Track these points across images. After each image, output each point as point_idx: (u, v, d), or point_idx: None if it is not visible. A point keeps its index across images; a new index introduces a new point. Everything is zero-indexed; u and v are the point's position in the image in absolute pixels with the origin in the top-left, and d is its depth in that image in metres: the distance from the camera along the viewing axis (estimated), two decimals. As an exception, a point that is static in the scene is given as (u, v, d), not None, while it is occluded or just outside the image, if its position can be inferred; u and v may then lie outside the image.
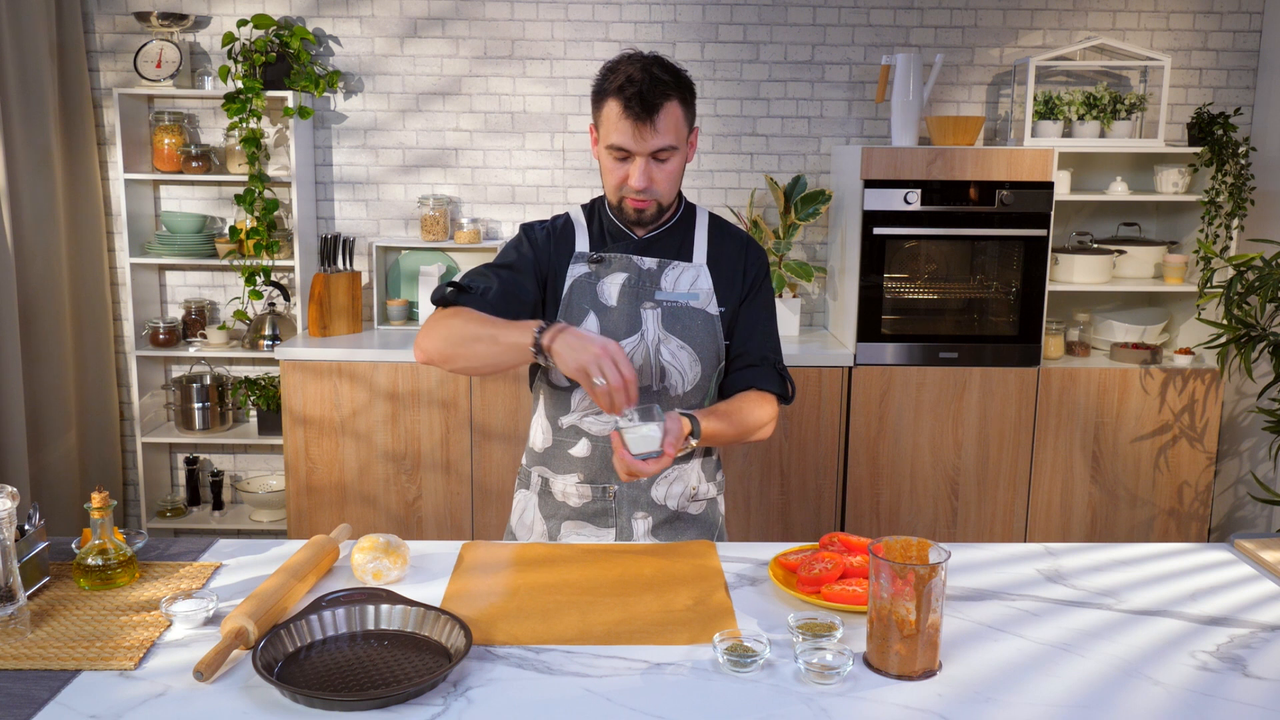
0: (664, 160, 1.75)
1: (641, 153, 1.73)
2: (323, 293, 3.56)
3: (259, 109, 3.55)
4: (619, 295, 1.82)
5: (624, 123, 1.71)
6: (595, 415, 1.84)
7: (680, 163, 1.78)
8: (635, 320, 1.81)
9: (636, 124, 1.70)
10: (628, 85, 1.70)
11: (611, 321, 1.81)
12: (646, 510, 1.87)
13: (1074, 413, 3.50)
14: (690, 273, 1.84)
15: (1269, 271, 3.03)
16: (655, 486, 1.87)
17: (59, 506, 3.55)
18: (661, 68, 1.73)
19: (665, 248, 1.86)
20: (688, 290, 1.83)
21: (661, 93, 1.70)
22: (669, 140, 1.73)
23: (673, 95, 1.72)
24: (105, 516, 1.52)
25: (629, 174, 1.74)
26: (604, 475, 1.86)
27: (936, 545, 1.31)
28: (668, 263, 1.84)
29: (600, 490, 1.86)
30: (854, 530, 3.48)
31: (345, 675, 1.27)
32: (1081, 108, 3.59)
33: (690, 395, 1.84)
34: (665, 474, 1.86)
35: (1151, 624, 1.44)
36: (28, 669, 1.29)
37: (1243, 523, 3.77)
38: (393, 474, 3.43)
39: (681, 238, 1.88)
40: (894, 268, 3.53)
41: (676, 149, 1.75)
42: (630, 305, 1.82)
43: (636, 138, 1.71)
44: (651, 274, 1.83)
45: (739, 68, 3.78)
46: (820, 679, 1.27)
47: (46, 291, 3.48)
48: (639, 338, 1.81)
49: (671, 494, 1.88)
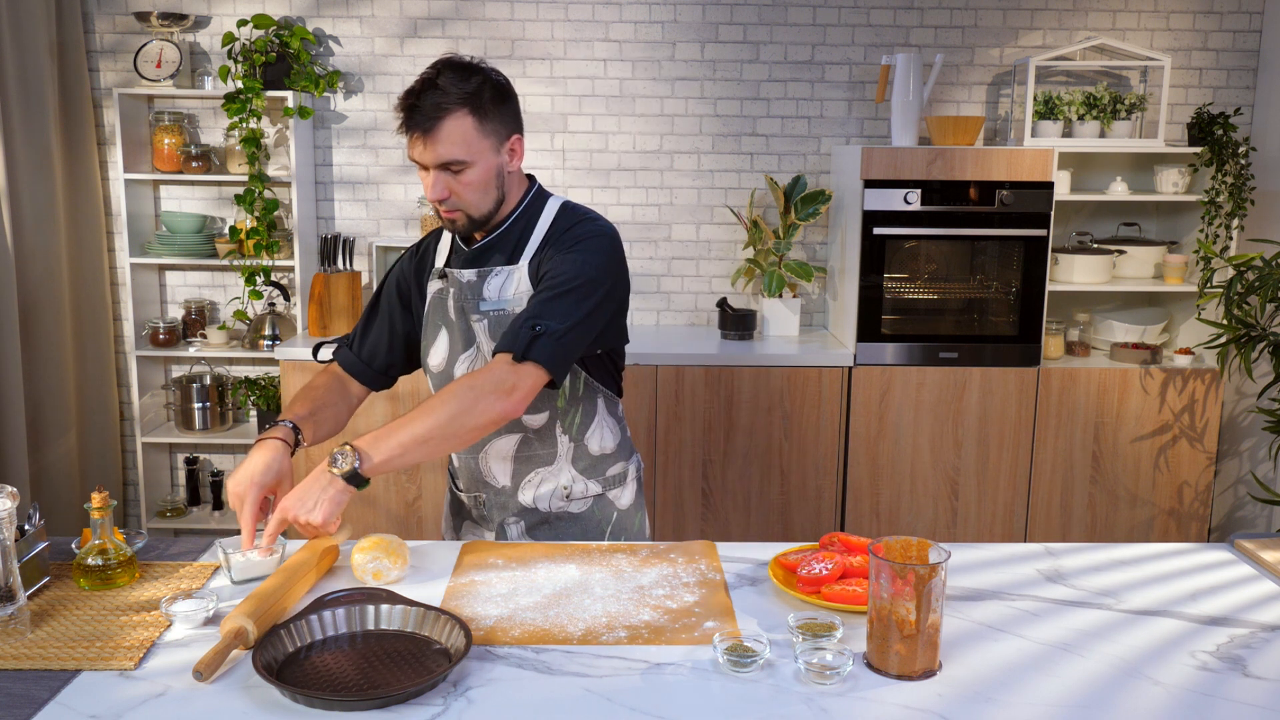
0: (457, 172, 1.69)
1: (429, 165, 1.69)
2: (323, 293, 3.56)
3: (259, 109, 3.55)
4: (454, 310, 1.83)
5: (409, 135, 1.69)
6: None
7: (483, 173, 1.70)
8: (470, 333, 1.81)
9: (420, 136, 1.67)
10: (407, 97, 1.67)
11: (454, 336, 1.83)
12: (517, 515, 1.88)
13: (1074, 413, 3.50)
14: (512, 278, 1.78)
15: (1269, 271, 3.03)
16: (522, 491, 1.86)
17: (59, 506, 3.55)
18: (452, 76, 1.66)
19: (497, 254, 1.80)
20: (511, 296, 1.78)
21: (438, 106, 1.64)
22: (455, 153, 1.67)
23: (453, 108, 1.65)
24: (105, 516, 1.52)
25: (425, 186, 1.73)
26: (474, 485, 1.90)
27: (936, 545, 1.31)
28: (489, 271, 1.79)
29: (473, 498, 1.92)
30: (854, 530, 3.48)
31: (345, 675, 1.27)
32: (1081, 108, 3.59)
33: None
34: (530, 478, 1.85)
35: (1151, 624, 1.44)
36: (28, 669, 1.29)
37: (1243, 523, 3.77)
38: (392, 474, 3.43)
39: (517, 240, 1.80)
40: (894, 268, 3.53)
41: (467, 161, 1.68)
42: (462, 319, 1.81)
43: (421, 151, 1.68)
44: (472, 285, 1.80)
45: (739, 68, 3.78)
46: (820, 679, 1.27)
47: (46, 291, 3.48)
48: (475, 350, 1.81)
49: (540, 496, 1.86)
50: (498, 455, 1.85)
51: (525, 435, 1.84)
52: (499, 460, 1.86)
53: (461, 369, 1.83)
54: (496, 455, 1.85)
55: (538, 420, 1.83)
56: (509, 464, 1.86)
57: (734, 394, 3.40)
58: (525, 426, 1.83)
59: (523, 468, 1.86)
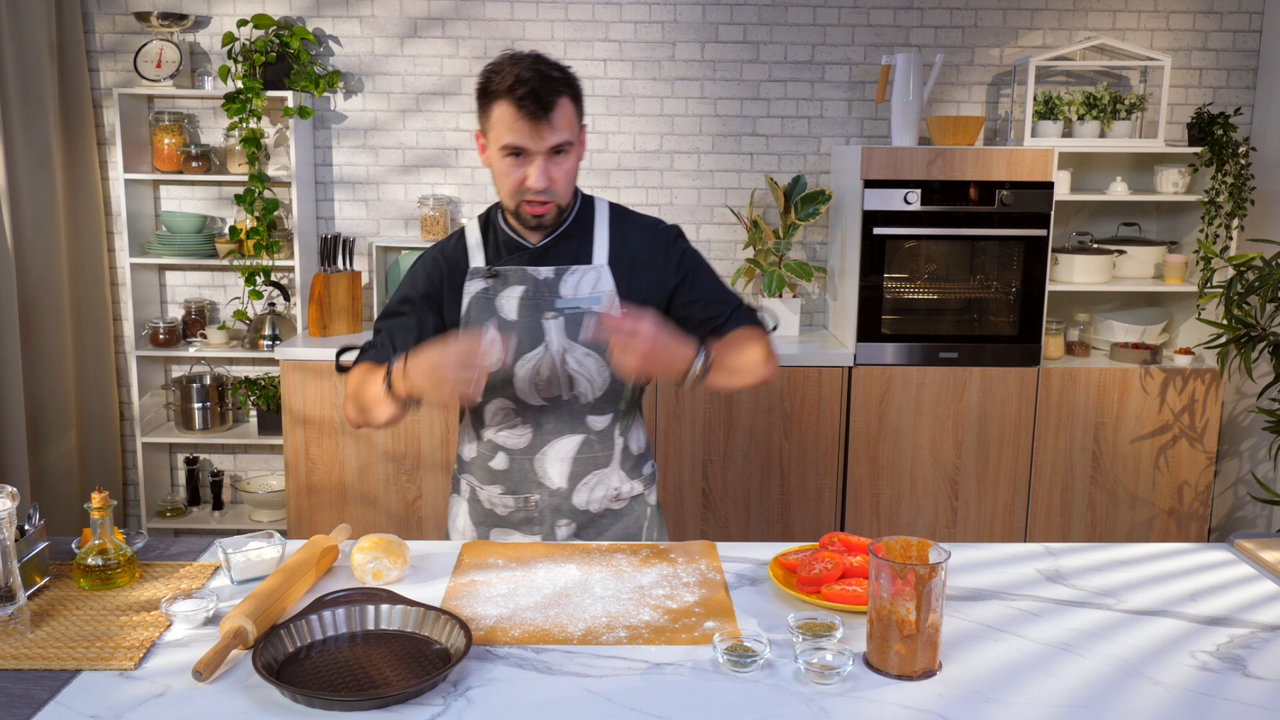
0: (562, 157, 1.72)
1: (539, 151, 1.69)
2: (323, 293, 3.56)
3: (259, 109, 3.55)
4: (518, 308, 1.79)
5: (519, 122, 1.67)
6: (510, 429, 1.84)
7: (575, 161, 1.76)
8: (538, 332, 1.79)
9: (532, 122, 1.67)
10: (518, 85, 1.67)
11: (513, 335, 1.79)
12: (569, 517, 1.87)
13: (1074, 413, 3.50)
14: (591, 275, 1.80)
15: (1269, 271, 3.03)
16: (577, 493, 1.85)
17: (59, 506, 3.55)
18: (549, 65, 1.71)
19: (562, 253, 1.81)
20: (589, 294, 1.79)
21: (554, 89, 1.68)
22: (564, 136, 1.70)
23: (564, 91, 1.70)
24: (105, 516, 1.52)
25: (527, 175, 1.71)
26: (525, 486, 1.86)
27: (936, 545, 1.31)
28: (565, 268, 1.80)
29: (523, 500, 1.87)
30: (854, 530, 3.48)
31: (345, 675, 1.27)
32: (1081, 108, 3.59)
33: (603, 402, 1.82)
34: (586, 480, 1.85)
35: (1151, 624, 1.44)
36: (28, 669, 1.29)
37: (1243, 523, 3.77)
38: (393, 474, 3.43)
39: (580, 239, 1.83)
40: (894, 268, 3.53)
41: (573, 144, 1.73)
42: (530, 317, 1.79)
43: (534, 136, 1.68)
44: (549, 283, 1.79)
45: (739, 68, 3.78)
46: (820, 679, 1.27)
47: (46, 291, 3.48)
48: (543, 349, 1.78)
49: (594, 499, 1.87)
50: (556, 456, 1.83)
51: (588, 437, 1.83)
52: (556, 462, 1.84)
53: (524, 370, 1.79)
54: (555, 456, 1.83)
55: (601, 422, 1.84)
56: (567, 465, 1.84)
57: (734, 394, 3.40)
58: (589, 428, 1.83)
59: (580, 469, 1.85)
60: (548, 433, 1.82)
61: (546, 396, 1.80)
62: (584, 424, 1.83)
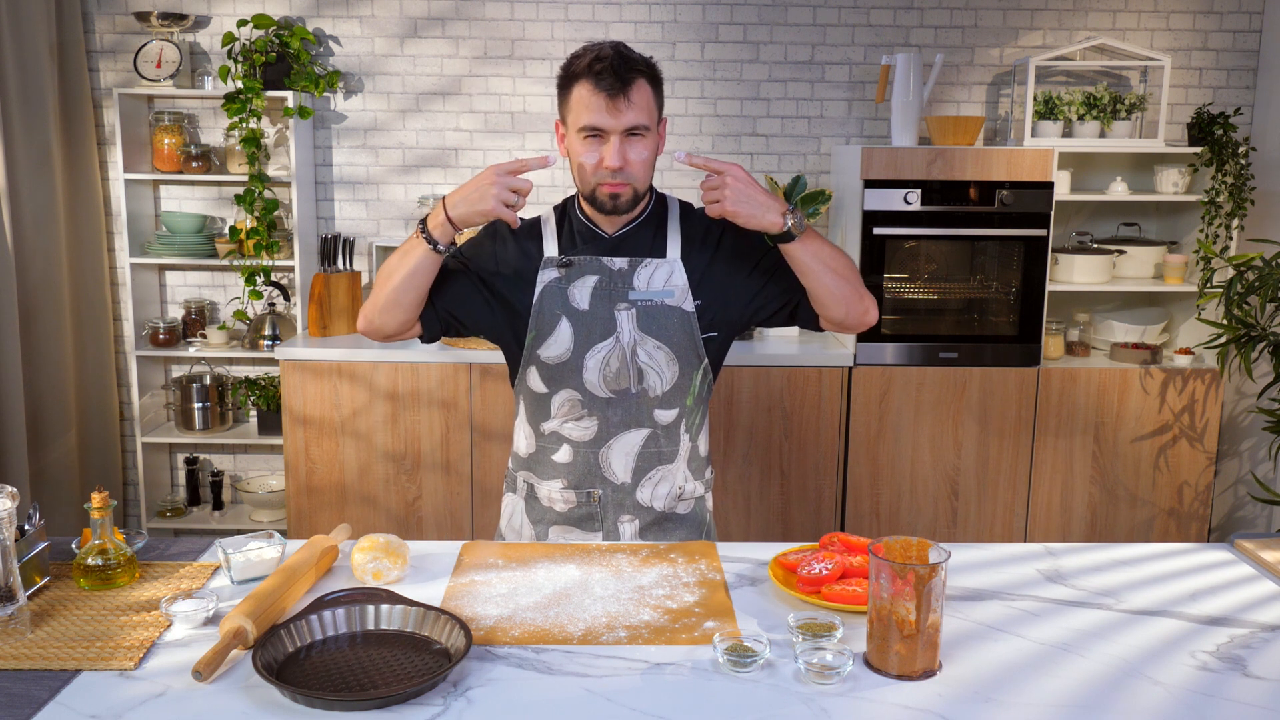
0: (638, 139, 1.72)
1: (615, 130, 1.70)
2: (323, 293, 3.56)
3: (259, 109, 3.55)
4: (591, 298, 1.79)
5: (596, 99, 1.68)
6: (575, 421, 1.83)
7: (653, 147, 1.75)
8: (610, 323, 1.78)
9: (610, 99, 1.68)
10: (597, 63, 1.69)
11: (585, 325, 1.79)
12: (633, 513, 1.86)
13: (1074, 413, 3.50)
14: (664, 269, 1.80)
15: (1269, 271, 3.03)
16: (640, 489, 1.85)
17: (59, 506, 3.55)
18: (630, 50, 1.73)
19: (637, 244, 1.82)
20: (662, 288, 1.79)
21: (633, 68, 1.70)
22: (642, 118, 1.70)
23: (643, 74, 1.71)
24: (105, 516, 1.52)
25: (603, 156, 1.71)
26: (588, 480, 1.85)
27: (936, 545, 1.31)
28: (640, 260, 1.80)
29: (585, 495, 1.85)
30: (854, 530, 3.48)
31: (345, 675, 1.27)
32: (1081, 108, 3.59)
33: (671, 395, 1.82)
34: (650, 475, 1.85)
35: (1151, 624, 1.44)
36: (28, 669, 1.29)
37: (1243, 523, 3.77)
38: (393, 474, 3.43)
39: (654, 233, 1.83)
40: (894, 268, 3.53)
41: (649, 129, 1.73)
42: (603, 308, 1.79)
43: (611, 112, 1.69)
44: (623, 274, 1.80)
45: (739, 68, 3.78)
46: (820, 679, 1.27)
47: (46, 291, 3.48)
48: (614, 340, 1.78)
49: (658, 495, 1.86)
50: (622, 450, 1.83)
51: (654, 431, 1.83)
52: (622, 455, 1.83)
53: (593, 361, 1.79)
54: (621, 450, 1.83)
55: (668, 416, 1.83)
56: (632, 459, 1.83)
57: (734, 394, 3.40)
58: (656, 422, 1.82)
59: (645, 464, 1.84)
60: (614, 426, 1.82)
61: (615, 389, 1.80)
62: (651, 418, 1.82)
